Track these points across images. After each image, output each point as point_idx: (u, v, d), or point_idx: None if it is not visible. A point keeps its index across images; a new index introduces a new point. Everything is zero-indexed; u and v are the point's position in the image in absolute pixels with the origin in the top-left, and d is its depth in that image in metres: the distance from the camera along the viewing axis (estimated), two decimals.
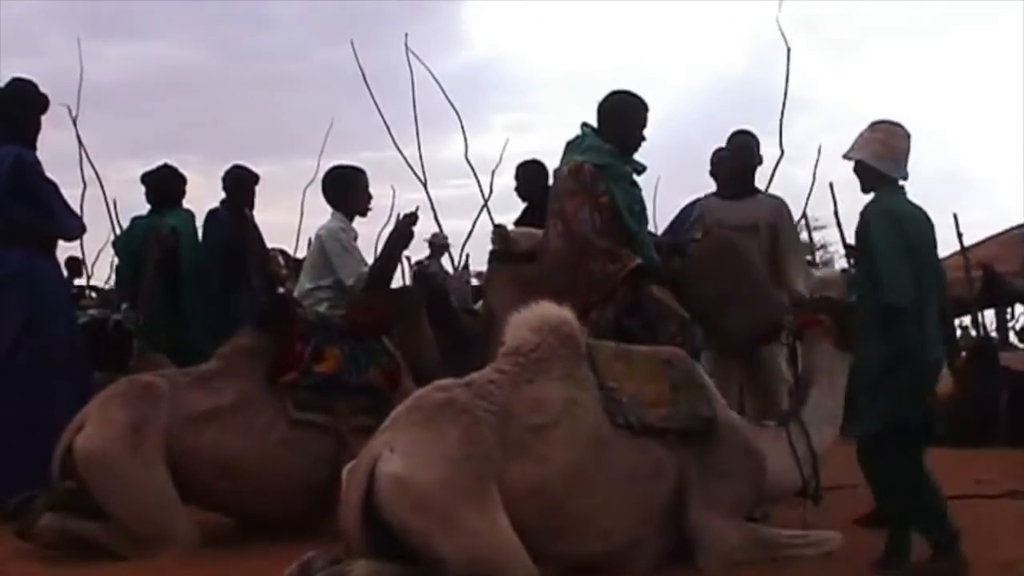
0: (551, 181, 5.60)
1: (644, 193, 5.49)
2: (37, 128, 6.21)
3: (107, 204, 12.23)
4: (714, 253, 5.34)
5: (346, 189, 6.22)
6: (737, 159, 6.33)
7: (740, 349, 5.42)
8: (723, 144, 6.45)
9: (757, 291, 5.24)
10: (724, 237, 5.55)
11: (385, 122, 10.87)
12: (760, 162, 6.48)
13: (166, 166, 7.68)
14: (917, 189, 4.38)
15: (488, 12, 37.87)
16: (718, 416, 4.36)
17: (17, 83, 6.19)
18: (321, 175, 6.51)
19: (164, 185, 7.59)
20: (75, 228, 6.36)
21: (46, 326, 5.92)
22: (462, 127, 11.75)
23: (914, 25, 35.31)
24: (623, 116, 5.36)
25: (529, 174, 7.05)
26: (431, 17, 33.95)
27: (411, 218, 6.15)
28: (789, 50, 9.20)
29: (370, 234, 7.13)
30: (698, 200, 6.49)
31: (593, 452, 4.02)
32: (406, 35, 10.70)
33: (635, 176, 5.42)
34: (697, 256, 5.35)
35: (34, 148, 6.16)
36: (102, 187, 12.43)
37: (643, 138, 5.41)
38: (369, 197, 6.32)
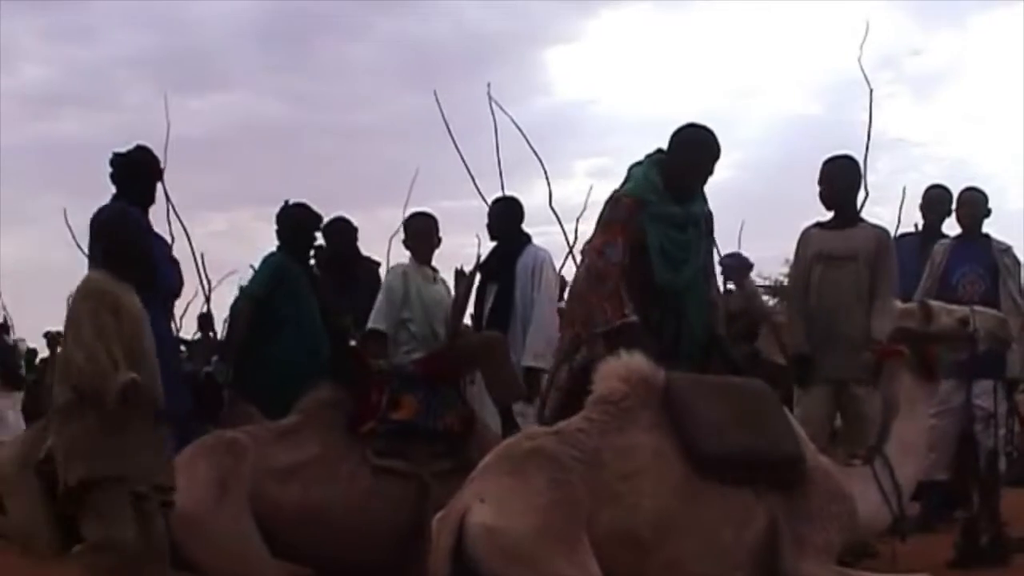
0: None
1: (728, 241, 5.36)
2: (152, 194, 6.51)
3: (194, 257, 12.39)
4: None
5: (405, 235, 6.71)
6: (833, 186, 6.14)
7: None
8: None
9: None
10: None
11: (469, 171, 10.91)
12: (860, 186, 6.36)
13: (300, 204, 7.06)
14: (1004, 226, 4.36)
15: (568, 58, 38.01)
16: (807, 458, 4.32)
17: (139, 151, 6.49)
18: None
19: (294, 222, 6.94)
20: (174, 283, 6.56)
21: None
22: (546, 175, 11.75)
23: (992, 61, 34.92)
24: (682, 152, 5.09)
25: (497, 213, 7.22)
26: (510, 64, 34.18)
27: (471, 277, 6.42)
28: (872, 91, 9.09)
29: None
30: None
31: (682, 499, 3.99)
32: (488, 84, 10.76)
33: (693, 222, 5.12)
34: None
35: (146, 212, 6.41)
36: (189, 240, 12.63)
37: (698, 180, 5.14)
38: (424, 241, 6.65)
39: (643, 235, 4.96)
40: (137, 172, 6.36)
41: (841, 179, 6.17)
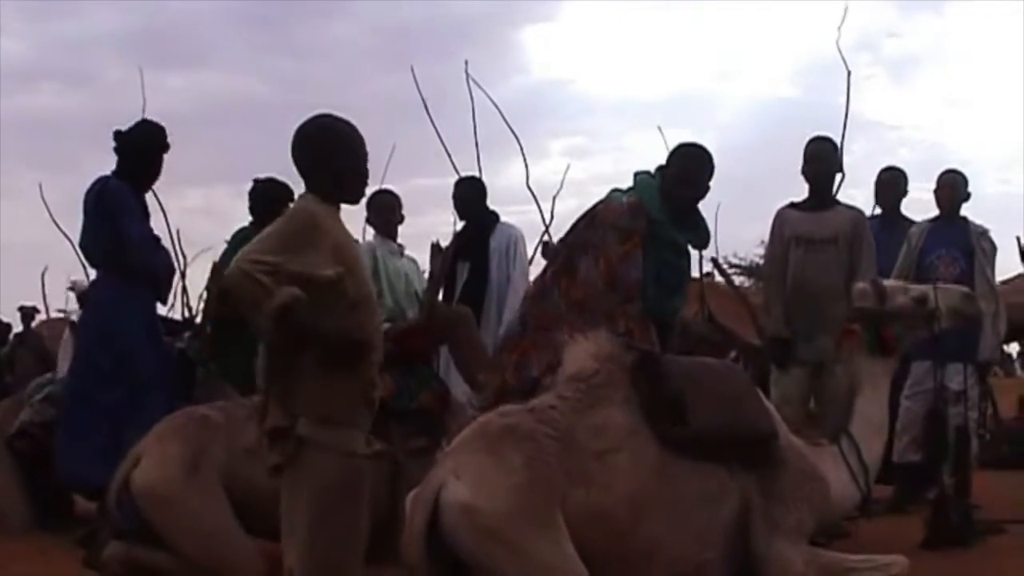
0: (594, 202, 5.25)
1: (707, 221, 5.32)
2: (155, 169, 6.61)
3: (170, 234, 12.29)
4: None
5: (369, 211, 6.74)
6: (813, 168, 6.19)
7: None
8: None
9: None
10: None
11: (446, 149, 10.90)
12: (839, 170, 6.36)
13: (270, 179, 7.11)
14: (979, 210, 4.36)
15: (544, 38, 38.20)
16: (780, 437, 4.31)
17: (144, 125, 6.60)
18: None
19: (265, 196, 6.99)
20: (150, 259, 6.55)
21: (129, 354, 6.25)
22: (523, 154, 11.77)
23: (969, 45, 35.18)
24: (684, 167, 5.09)
25: (464, 193, 7.29)
26: (487, 44, 34.24)
27: (447, 252, 6.37)
28: (849, 73, 9.07)
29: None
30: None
31: (656, 478, 3.98)
32: (466, 62, 10.71)
33: (688, 247, 5.16)
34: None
35: (146, 187, 6.60)
36: (165, 217, 12.53)
37: (694, 198, 5.16)
38: (388, 216, 6.74)
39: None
40: (142, 146, 6.46)
41: (826, 161, 6.20)
